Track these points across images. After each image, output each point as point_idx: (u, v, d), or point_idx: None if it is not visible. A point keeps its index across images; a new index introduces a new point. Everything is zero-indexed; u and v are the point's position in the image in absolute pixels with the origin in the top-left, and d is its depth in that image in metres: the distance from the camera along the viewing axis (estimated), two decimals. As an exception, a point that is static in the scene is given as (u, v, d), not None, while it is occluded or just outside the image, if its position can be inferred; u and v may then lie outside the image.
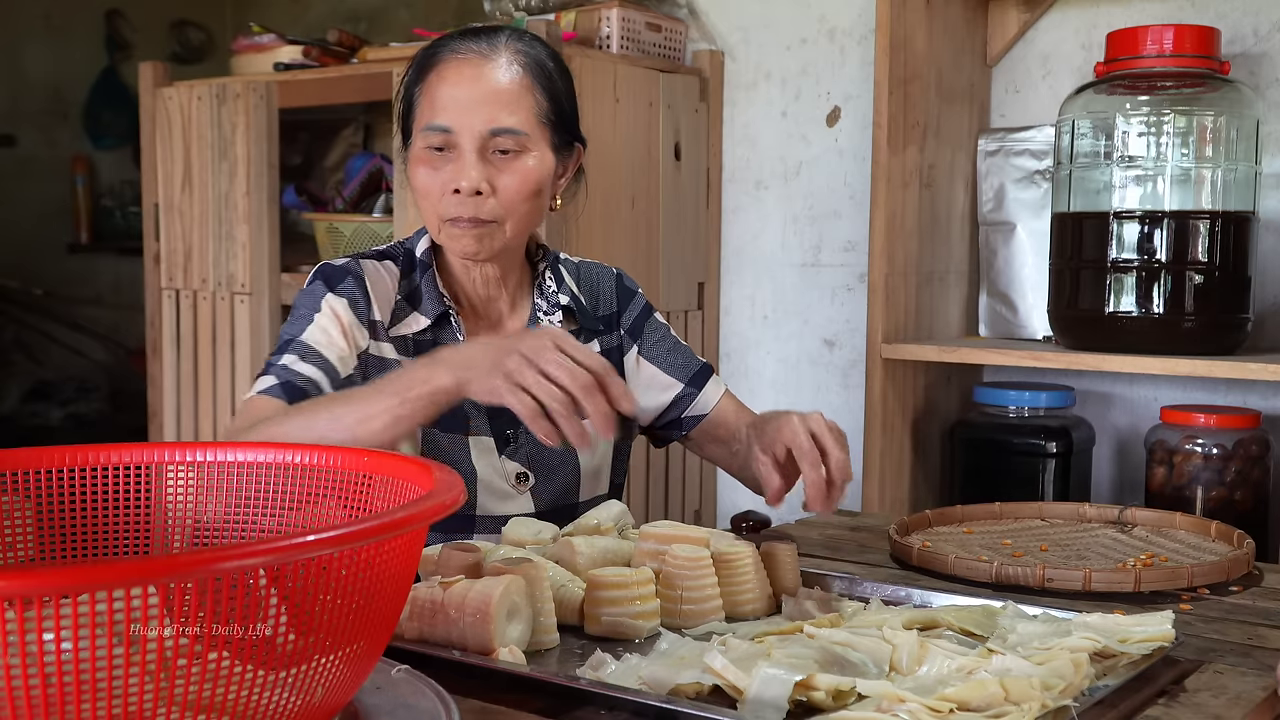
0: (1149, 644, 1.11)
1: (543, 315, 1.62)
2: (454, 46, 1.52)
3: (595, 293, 1.70)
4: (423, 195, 1.52)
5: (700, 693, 1.03)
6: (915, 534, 1.66)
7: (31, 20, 4.65)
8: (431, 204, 1.52)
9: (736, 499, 2.89)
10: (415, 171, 1.53)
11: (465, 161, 1.49)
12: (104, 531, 1.10)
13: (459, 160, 1.49)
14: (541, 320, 1.61)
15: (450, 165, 1.50)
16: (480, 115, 1.49)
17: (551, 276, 1.65)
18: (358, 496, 1.05)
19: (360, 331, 1.54)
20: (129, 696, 0.70)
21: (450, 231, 1.52)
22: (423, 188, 1.52)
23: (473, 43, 1.52)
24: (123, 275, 4.66)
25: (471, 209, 1.49)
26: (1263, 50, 2.30)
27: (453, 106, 1.49)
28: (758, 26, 2.79)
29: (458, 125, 1.49)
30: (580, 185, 1.67)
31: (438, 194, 1.50)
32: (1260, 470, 2.16)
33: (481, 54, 1.51)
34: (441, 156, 1.50)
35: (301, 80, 2.80)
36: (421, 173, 1.52)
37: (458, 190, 1.49)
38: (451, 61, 1.51)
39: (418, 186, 1.53)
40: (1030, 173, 2.48)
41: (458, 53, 1.52)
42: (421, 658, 1.08)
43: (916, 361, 2.38)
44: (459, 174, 1.49)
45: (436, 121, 1.49)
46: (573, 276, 1.69)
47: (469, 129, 1.49)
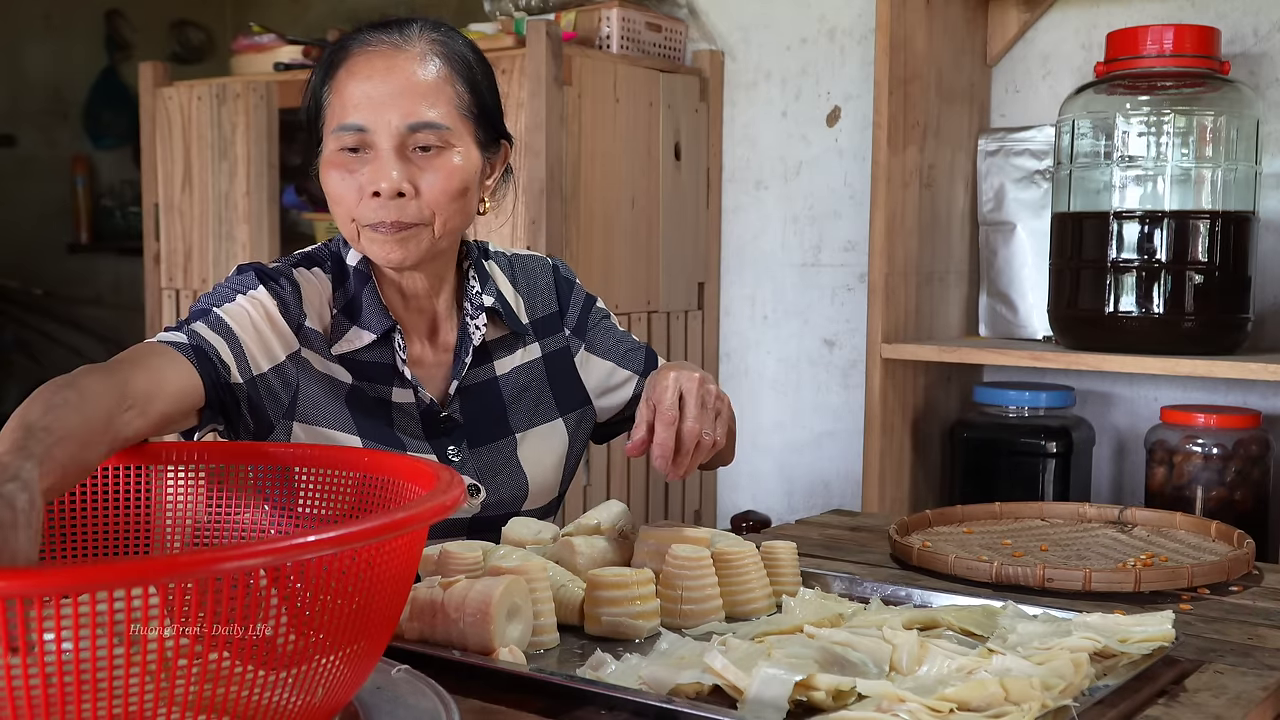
0: (1149, 644, 1.11)
1: (470, 320, 1.50)
2: (363, 39, 1.40)
3: (533, 290, 1.59)
4: (336, 201, 1.40)
5: (700, 693, 1.03)
6: (915, 534, 1.66)
7: (31, 20, 4.65)
8: (347, 210, 1.39)
9: (736, 499, 2.89)
10: (328, 176, 1.40)
11: (383, 161, 1.36)
12: (104, 531, 1.10)
13: (376, 161, 1.37)
14: (470, 326, 1.49)
15: (366, 167, 1.37)
16: (397, 110, 1.36)
17: (475, 275, 1.52)
18: (358, 496, 1.05)
19: (282, 339, 1.40)
20: (129, 696, 0.70)
21: (371, 237, 1.39)
22: (336, 193, 1.39)
23: (383, 34, 1.40)
24: (123, 275, 4.66)
25: (394, 213, 1.37)
26: (1263, 50, 2.30)
27: (365, 103, 1.36)
28: (758, 26, 2.80)
29: (372, 123, 1.36)
30: (509, 185, 1.54)
31: (354, 199, 1.38)
32: (1260, 470, 2.16)
33: (394, 45, 1.39)
34: (356, 158, 1.38)
35: (301, 80, 2.78)
36: (334, 177, 1.39)
37: (377, 194, 1.36)
38: (361, 55, 1.39)
39: (331, 192, 1.40)
40: (1030, 173, 2.48)
41: (368, 44, 1.39)
42: (421, 658, 1.08)
43: (916, 361, 2.38)
44: (377, 175, 1.36)
45: (349, 120, 1.37)
46: (506, 273, 1.58)
47: (385, 126, 1.36)
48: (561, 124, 2.41)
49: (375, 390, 1.45)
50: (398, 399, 1.46)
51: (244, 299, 1.40)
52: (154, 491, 1.14)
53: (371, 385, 1.45)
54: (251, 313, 1.39)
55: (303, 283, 1.44)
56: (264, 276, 1.42)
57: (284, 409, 1.41)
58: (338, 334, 1.45)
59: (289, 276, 1.44)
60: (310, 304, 1.44)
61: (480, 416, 1.50)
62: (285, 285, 1.42)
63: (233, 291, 1.40)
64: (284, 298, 1.41)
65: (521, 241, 2.38)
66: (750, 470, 2.86)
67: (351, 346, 1.45)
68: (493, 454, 1.51)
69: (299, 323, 1.42)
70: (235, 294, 1.40)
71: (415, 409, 1.47)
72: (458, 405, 1.49)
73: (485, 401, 1.51)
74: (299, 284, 1.44)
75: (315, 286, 1.46)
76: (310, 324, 1.43)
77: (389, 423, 1.45)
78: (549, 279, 1.61)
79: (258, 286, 1.41)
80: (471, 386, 1.50)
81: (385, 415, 1.46)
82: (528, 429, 1.54)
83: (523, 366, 1.55)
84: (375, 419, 1.45)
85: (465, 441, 1.49)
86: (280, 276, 1.43)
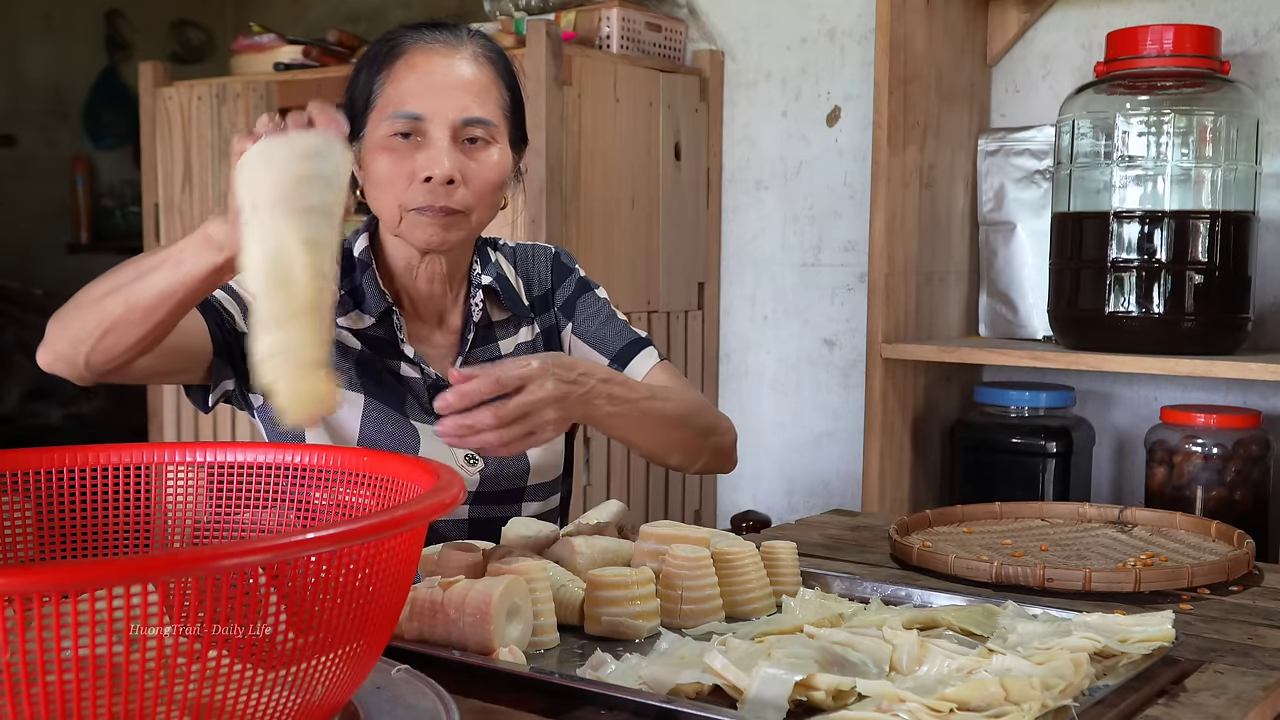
0: (1149, 644, 1.11)
1: (472, 300, 1.59)
2: (419, 36, 1.49)
3: (532, 273, 1.67)
4: (386, 183, 1.47)
5: (700, 693, 1.03)
6: (915, 534, 1.66)
7: (31, 20, 4.65)
8: (395, 193, 1.46)
9: (736, 499, 2.89)
10: (376, 159, 1.47)
11: (438, 149, 1.44)
12: (104, 531, 1.10)
13: (429, 148, 1.45)
14: (473, 305, 1.58)
15: (419, 153, 1.45)
16: (454, 103, 1.45)
17: (478, 258, 1.61)
18: (357, 496, 1.05)
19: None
20: (129, 696, 0.70)
21: (415, 220, 1.47)
22: (385, 176, 1.46)
23: (440, 35, 1.50)
24: (123, 275, 4.65)
25: (443, 198, 1.45)
26: (1263, 50, 2.30)
27: (424, 93, 1.45)
28: (758, 26, 2.80)
29: (430, 112, 1.45)
30: (520, 184, 1.64)
31: (404, 182, 1.45)
32: (1260, 470, 2.16)
33: (449, 44, 1.49)
34: (408, 144, 1.46)
35: (301, 80, 2.80)
36: (386, 160, 1.46)
37: (428, 179, 1.44)
38: (420, 50, 1.48)
39: (379, 175, 1.47)
40: (1030, 172, 2.48)
41: (425, 42, 1.49)
42: (421, 658, 1.08)
43: (916, 361, 2.38)
44: (431, 161, 1.44)
45: (406, 109, 1.45)
46: (509, 260, 1.67)
47: (442, 115, 1.45)
48: (561, 124, 2.41)
49: (384, 364, 1.55)
50: (406, 373, 1.56)
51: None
52: (154, 491, 1.14)
53: (380, 359, 1.55)
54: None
55: None
56: None
57: None
58: (343, 312, 1.55)
59: None
60: None
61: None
62: None
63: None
64: None
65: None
66: (750, 470, 2.86)
67: (355, 326, 1.55)
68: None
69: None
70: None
71: (421, 384, 1.55)
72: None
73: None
74: None
75: None
76: None
77: (399, 396, 1.55)
78: (547, 263, 1.69)
79: None
80: (477, 364, 1.54)
81: (395, 388, 1.55)
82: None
83: (525, 345, 1.64)
84: (384, 387, 1.54)
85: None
86: None
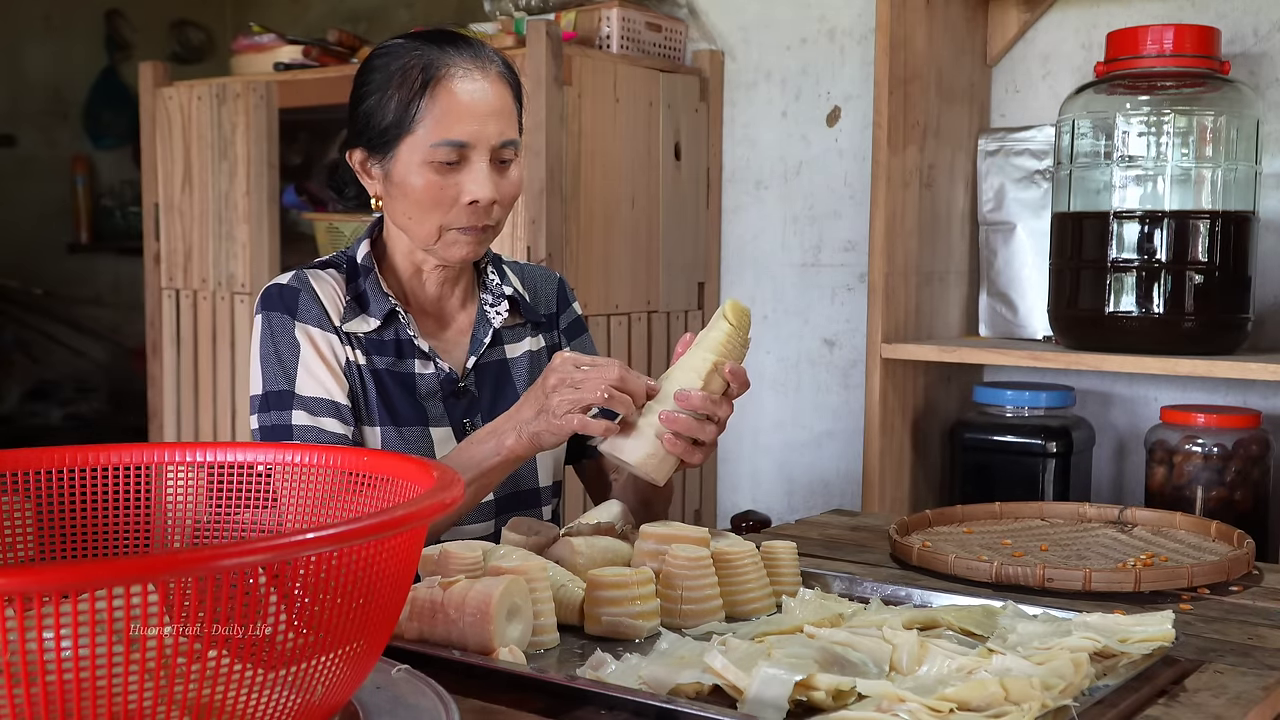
0: (1149, 644, 1.11)
1: (489, 308, 1.66)
2: (456, 59, 1.54)
3: (537, 293, 1.75)
4: (430, 205, 1.53)
5: (700, 693, 1.03)
6: (915, 534, 1.66)
7: (31, 20, 4.65)
8: (438, 216, 1.53)
9: (736, 499, 2.89)
10: (416, 181, 1.53)
11: (480, 174, 1.52)
12: (104, 531, 1.10)
13: (470, 172, 1.52)
14: (489, 312, 1.65)
15: (459, 176, 1.52)
16: (492, 129, 1.53)
17: (495, 272, 1.69)
18: (357, 496, 1.05)
19: (336, 349, 1.57)
20: (129, 696, 0.70)
21: (457, 239, 1.55)
22: (431, 199, 1.53)
23: (469, 57, 1.55)
24: (123, 275, 4.66)
25: (483, 218, 1.54)
26: (1263, 50, 2.30)
27: (470, 121, 1.52)
28: (758, 26, 2.80)
29: (474, 139, 1.52)
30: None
31: (447, 205, 1.53)
32: (1260, 470, 2.16)
33: (481, 68, 1.55)
34: (450, 169, 1.52)
35: (301, 80, 2.80)
36: (431, 183, 1.52)
37: (474, 201, 1.52)
38: (459, 76, 1.53)
39: (425, 196, 1.53)
40: (1030, 172, 2.48)
41: (463, 66, 1.53)
42: (421, 658, 1.08)
43: (916, 361, 2.38)
44: (478, 187, 1.52)
45: (454, 137, 1.51)
46: (517, 275, 1.75)
47: (484, 142, 1.52)
48: (561, 124, 2.41)
49: (400, 366, 1.60)
50: (420, 370, 1.61)
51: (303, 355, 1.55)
52: (154, 491, 1.14)
53: (396, 362, 1.60)
54: (315, 368, 1.55)
55: (318, 284, 1.59)
56: (289, 307, 1.57)
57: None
58: (348, 319, 1.59)
59: (304, 289, 1.58)
60: (328, 301, 1.59)
61: (493, 392, 1.65)
62: (306, 299, 1.57)
63: (292, 355, 1.55)
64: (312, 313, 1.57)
65: (521, 241, 2.38)
66: (750, 470, 2.86)
67: (360, 330, 1.59)
68: None
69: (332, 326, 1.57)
70: (295, 356, 1.55)
71: (436, 379, 1.61)
72: (473, 379, 1.64)
73: (498, 380, 1.67)
74: (314, 287, 1.59)
75: (329, 285, 1.60)
76: (335, 320, 1.58)
77: (415, 395, 1.59)
78: (553, 289, 1.77)
79: (293, 326, 1.56)
80: (486, 365, 1.66)
81: (411, 388, 1.59)
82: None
83: (530, 353, 1.70)
84: (400, 407, 1.59)
85: (480, 415, 1.63)
86: (299, 294, 1.58)
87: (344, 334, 1.58)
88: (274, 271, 2.82)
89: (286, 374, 1.54)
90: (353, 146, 1.60)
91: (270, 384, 1.54)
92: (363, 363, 1.58)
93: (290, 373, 1.54)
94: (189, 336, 2.98)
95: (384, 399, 1.57)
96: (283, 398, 1.53)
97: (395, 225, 1.60)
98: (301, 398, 1.53)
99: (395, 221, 1.59)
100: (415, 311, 1.64)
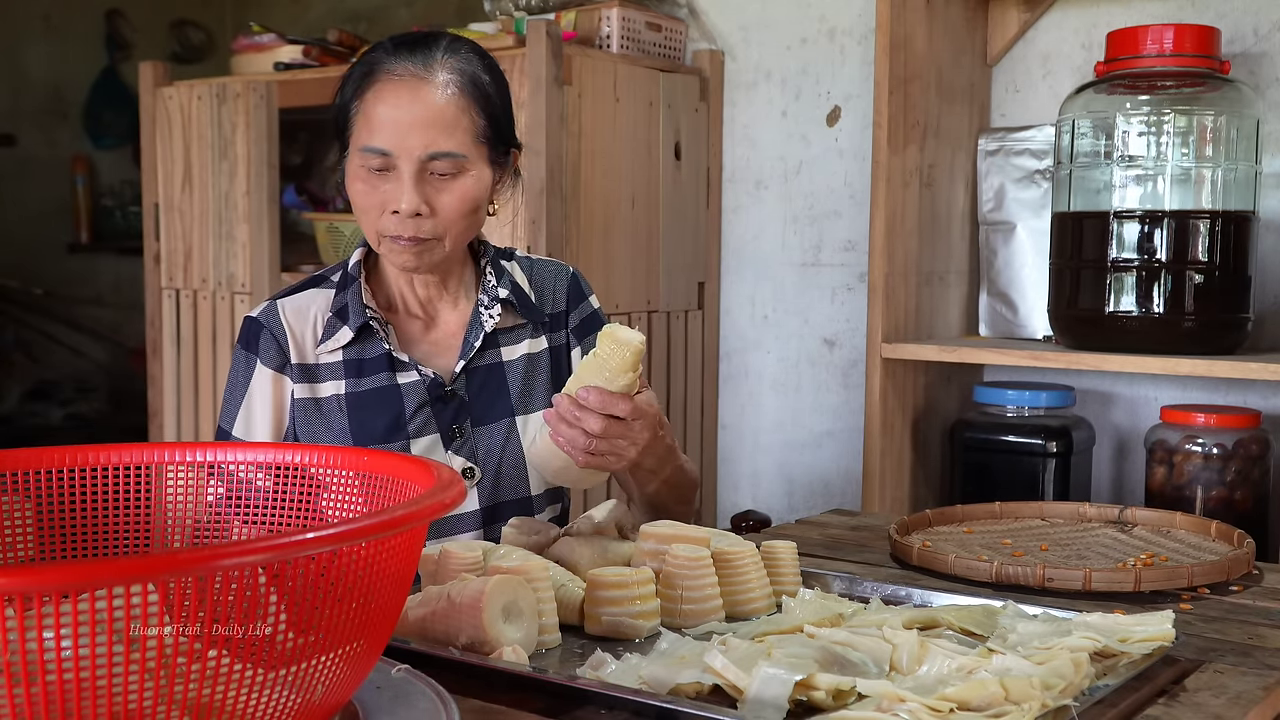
0: (1149, 644, 1.11)
1: (484, 309, 1.63)
2: (390, 66, 1.51)
3: (545, 289, 1.71)
4: (361, 212, 1.54)
5: (700, 693, 1.03)
6: (915, 534, 1.66)
7: (31, 20, 4.65)
8: (370, 221, 1.53)
9: (737, 499, 2.89)
10: (353, 187, 1.53)
11: (403, 184, 1.49)
12: (104, 531, 1.10)
13: (397, 181, 1.49)
14: (483, 314, 1.63)
15: (388, 185, 1.50)
16: (418, 139, 1.48)
17: (492, 272, 1.65)
18: (357, 496, 1.05)
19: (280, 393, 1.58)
20: (129, 696, 0.70)
21: (391, 247, 1.54)
22: (361, 205, 1.53)
23: (409, 61, 1.50)
24: (123, 275, 4.66)
25: (411, 229, 1.50)
26: (1263, 50, 2.30)
27: (391, 129, 1.49)
28: (758, 26, 2.80)
29: (396, 148, 1.49)
30: (518, 184, 1.67)
31: (375, 212, 1.52)
32: (1260, 470, 2.16)
33: (418, 75, 1.50)
34: (379, 175, 1.51)
35: (301, 80, 2.80)
36: (360, 190, 1.52)
37: (396, 211, 1.50)
38: (389, 82, 1.50)
39: (356, 203, 1.54)
40: (1030, 172, 2.48)
41: (394, 72, 1.50)
42: (421, 657, 1.08)
43: (916, 361, 2.38)
44: (397, 196, 1.49)
45: (374, 144, 1.49)
46: (525, 271, 1.71)
47: (407, 152, 1.49)
48: (561, 124, 2.41)
49: (379, 381, 1.58)
50: (402, 380, 1.59)
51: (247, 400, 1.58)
52: (154, 491, 1.14)
53: (376, 378, 1.58)
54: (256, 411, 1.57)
55: (289, 315, 1.59)
56: (249, 342, 1.59)
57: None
58: (328, 335, 1.59)
59: (269, 324, 1.58)
60: (296, 332, 1.59)
61: (484, 396, 1.62)
62: (267, 339, 1.58)
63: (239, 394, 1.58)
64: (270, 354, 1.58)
65: (522, 241, 2.38)
66: (750, 470, 2.86)
67: (337, 345, 1.58)
68: (495, 432, 1.62)
69: (288, 362, 1.58)
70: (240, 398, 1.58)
71: (421, 385, 1.58)
72: (463, 384, 1.61)
73: (490, 383, 1.63)
74: (282, 321, 1.59)
75: (306, 309, 1.60)
76: (294, 359, 1.58)
77: (399, 408, 1.57)
78: (564, 283, 1.72)
79: (254, 365, 1.58)
80: (478, 369, 1.63)
81: (393, 401, 1.57)
82: (528, 412, 1.64)
83: (532, 355, 1.66)
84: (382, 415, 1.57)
85: (469, 420, 1.60)
86: (261, 330, 1.58)
87: (308, 368, 1.58)
88: (274, 271, 2.82)
89: (229, 415, 1.59)
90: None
91: (222, 420, 1.60)
92: (330, 394, 1.58)
93: (232, 414, 1.59)
94: (189, 336, 2.98)
95: (357, 423, 1.56)
96: (223, 436, 1.59)
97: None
98: (230, 436, 1.58)
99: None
100: (406, 316, 1.63)
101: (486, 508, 1.60)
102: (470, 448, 1.59)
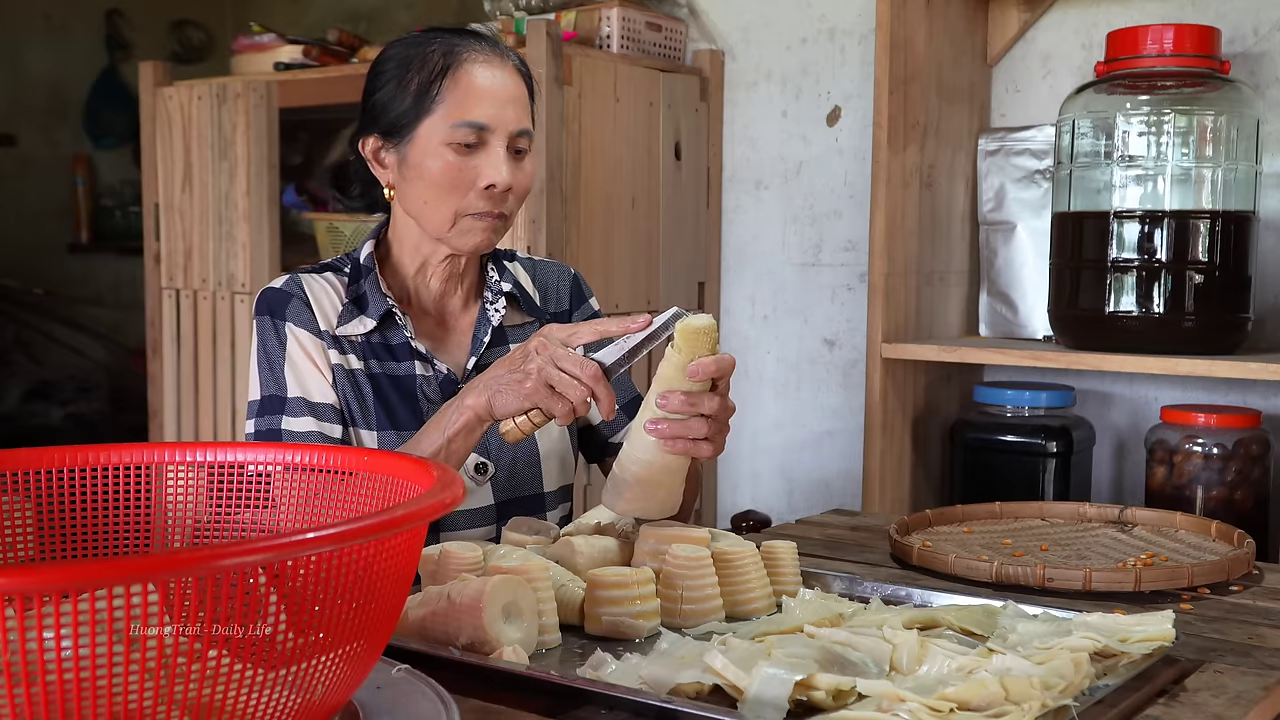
0: (1149, 644, 1.11)
1: (489, 304, 1.63)
2: (475, 47, 1.55)
3: (548, 289, 1.72)
4: (448, 188, 1.52)
5: (700, 693, 1.03)
6: (915, 534, 1.66)
7: (31, 20, 4.65)
8: (457, 197, 1.52)
9: (736, 499, 2.89)
10: (441, 163, 1.51)
11: (498, 158, 1.51)
12: (104, 531, 1.10)
13: (488, 156, 1.51)
14: (489, 309, 1.63)
15: (477, 159, 1.51)
16: (511, 114, 1.53)
17: (494, 268, 1.67)
18: (357, 495, 1.05)
19: (324, 353, 1.56)
20: (129, 696, 0.70)
21: (469, 225, 1.53)
22: (450, 181, 1.51)
23: (488, 47, 1.56)
24: (123, 275, 4.66)
25: (498, 204, 1.53)
26: (1263, 50, 2.30)
27: (490, 104, 1.51)
28: (758, 26, 2.80)
29: (494, 122, 1.51)
30: None
31: (464, 189, 1.52)
32: (1260, 470, 2.16)
33: (499, 57, 1.55)
34: (469, 151, 1.52)
35: (301, 80, 2.80)
36: (446, 166, 1.51)
37: (490, 186, 1.51)
38: (479, 61, 1.53)
39: (443, 178, 1.51)
40: (1030, 172, 2.48)
41: (482, 54, 1.54)
42: (422, 657, 1.08)
43: (916, 361, 2.38)
44: (494, 171, 1.51)
45: (473, 118, 1.51)
46: (527, 271, 1.72)
47: (503, 126, 1.52)
48: (561, 124, 2.41)
49: (398, 369, 1.58)
50: (420, 372, 1.59)
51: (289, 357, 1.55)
52: (154, 491, 1.14)
53: (394, 365, 1.58)
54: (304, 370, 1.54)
55: (312, 288, 1.58)
56: (278, 310, 1.56)
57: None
58: (345, 321, 1.58)
59: (296, 293, 1.57)
60: (320, 306, 1.58)
61: None
62: (297, 305, 1.56)
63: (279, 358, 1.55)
64: (302, 318, 1.56)
65: (522, 241, 2.38)
66: (750, 470, 2.86)
67: (356, 332, 1.57)
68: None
69: (319, 330, 1.56)
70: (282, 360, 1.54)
71: (434, 380, 1.59)
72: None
73: None
74: (306, 292, 1.58)
75: (325, 289, 1.59)
76: (323, 326, 1.57)
77: (415, 397, 1.57)
78: (566, 283, 1.74)
79: (285, 326, 1.55)
80: (488, 365, 1.61)
81: (410, 390, 1.57)
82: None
83: None
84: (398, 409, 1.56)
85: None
86: (290, 298, 1.56)
87: (337, 338, 1.56)
88: (274, 271, 2.82)
89: (276, 379, 1.54)
90: (365, 135, 1.58)
91: (264, 389, 1.54)
92: (358, 367, 1.56)
93: (280, 378, 1.54)
94: (189, 336, 2.98)
95: (382, 403, 1.56)
96: (273, 403, 1.53)
97: (409, 213, 1.57)
98: (288, 401, 1.53)
99: (409, 209, 1.57)
100: (416, 312, 1.63)
101: (501, 503, 1.60)
102: (484, 443, 1.59)
